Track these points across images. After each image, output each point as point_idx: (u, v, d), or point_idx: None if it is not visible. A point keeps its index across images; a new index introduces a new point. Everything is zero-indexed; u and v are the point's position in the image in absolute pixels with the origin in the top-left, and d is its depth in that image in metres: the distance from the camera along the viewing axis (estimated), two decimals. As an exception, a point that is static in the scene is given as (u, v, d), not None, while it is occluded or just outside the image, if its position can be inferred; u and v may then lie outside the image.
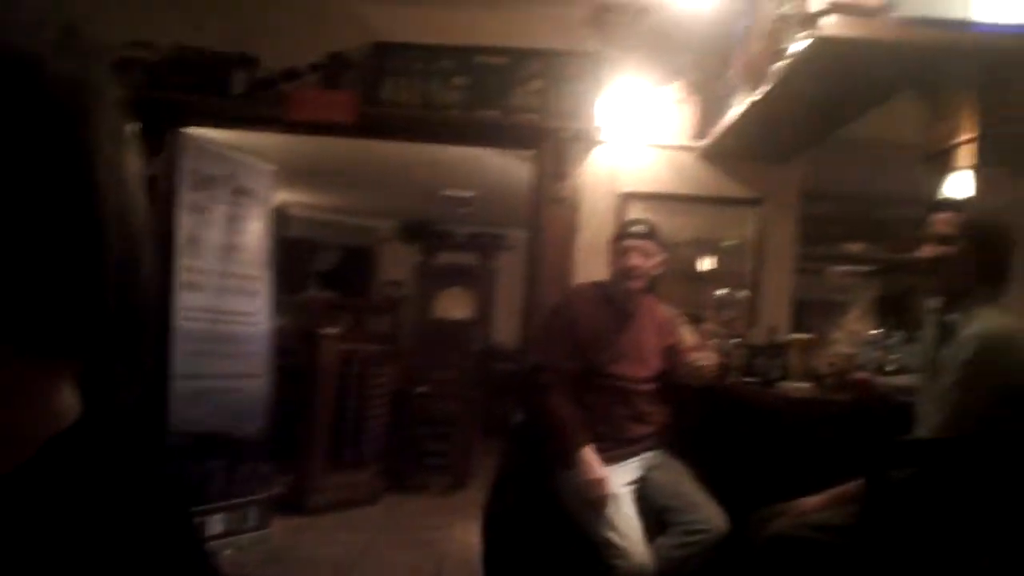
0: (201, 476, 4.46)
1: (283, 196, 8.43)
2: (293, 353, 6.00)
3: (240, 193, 4.86)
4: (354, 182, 8.10)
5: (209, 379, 4.57)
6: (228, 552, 4.52)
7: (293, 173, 7.23)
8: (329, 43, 4.50)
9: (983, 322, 2.24)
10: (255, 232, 4.99)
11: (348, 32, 4.52)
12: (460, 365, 6.87)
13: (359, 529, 5.16)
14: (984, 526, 1.82)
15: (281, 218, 7.64)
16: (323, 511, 5.41)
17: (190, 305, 4.48)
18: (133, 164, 0.59)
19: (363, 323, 7.89)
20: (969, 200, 2.53)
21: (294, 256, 9.33)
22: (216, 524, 4.53)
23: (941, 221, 2.43)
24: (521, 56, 4.48)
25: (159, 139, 4.47)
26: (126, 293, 0.56)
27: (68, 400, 0.57)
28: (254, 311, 4.97)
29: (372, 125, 4.56)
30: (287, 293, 7.30)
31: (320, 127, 4.54)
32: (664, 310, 3.49)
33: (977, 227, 2.38)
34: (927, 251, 2.44)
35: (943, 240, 2.41)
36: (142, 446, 0.62)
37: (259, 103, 4.45)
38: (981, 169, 3.31)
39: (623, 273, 3.20)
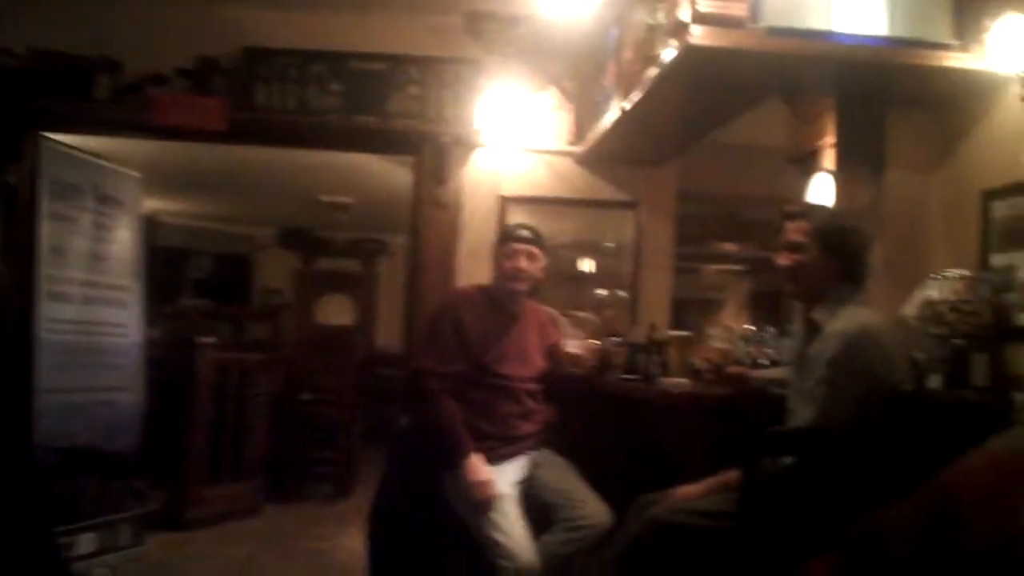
0: (71, 493, 4.27)
1: (153, 204, 8.17)
2: (168, 364, 5.81)
3: (106, 201, 4.68)
4: (229, 189, 7.91)
5: (78, 393, 4.38)
6: (100, 571, 4.33)
7: (164, 180, 7.02)
8: (198, 48, 4.39)
9: (846, 320, 2.35)
10: (124, 241, 4.82)
11: (218, 37, 4.43)
12: (343, 372, 6.78)
13: (240, 542, 5.03)
14: (851, 514, 1.91)
15: (152, 226, 7.40)
16: (202, 525, 5.25)
17: (56, 317, 4.29)
18: None
19: (242, 331, 7.71)
20: (817, 206, 2.66)
21: (167, 265, 9.05)
22: (88, 542, 4.34)
23: (792, 229, 2.55)
24: (398, 62, 4.48)
25: (18, 146, 4.28)
26: None
27: None
28: (125, 322, 4.79)
29: (245, 131, 4.48)
30: (160, 303, 7.08)
31: (189, 133, 4.43)
32: (546, 311, 3.53)
33: (824, 233, 2.49)
34: (782, 259, 2.56)
35: (794, 248, 2.53)
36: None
37: (124, 108, 4.31)
38: (840, 171, 3.48)
39: (509, 275, 3.23)
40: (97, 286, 4.59)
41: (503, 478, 3.05)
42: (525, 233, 3.32)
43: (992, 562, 0.50)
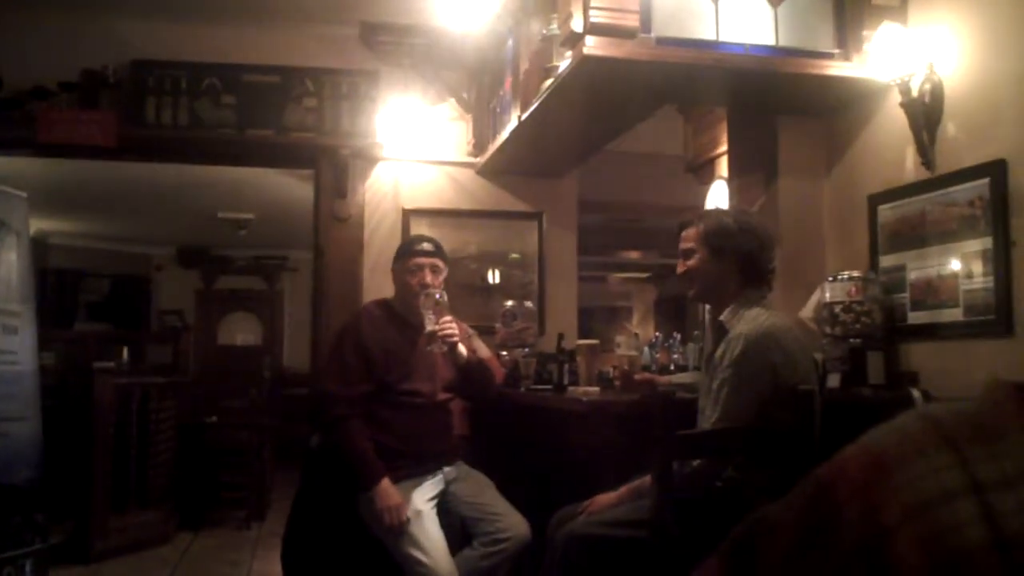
0: (-35, 532, 4.07)
1: (42, 225, 7.87)
2: (65, 392, 5.59)
3: (-10, 222, 4.47)
4: (123, 208, 7.68)
5: (-32, 425, 4.18)
6: (2, 613, 4.15)
7: (53, 200, 6.77)
8: (83, 60, 4.25)
9: (748, 322, 2.41)
10: (10, 263, 4.60)
11: (104, 49, 4.29)
12: (250, 392, 6.64)
13: (151, 572, 4.88)
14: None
15: (41, 248, 7.13)
16: (110, 556, 5.06)
17: (-59, 347, 4.08)
18: None
19: (142, 355, 7.47)
20: (711, 211, 2.72)
21: (59, 288, 8.73)
22: (-13, 582, 4.14)
23: (685, 236, 2.61)
24: (292, 74, 4.42)
25: None
26: None
27: None
28: (16, 349, 4.58)
29: (135, 147, 4.35)
30: (54, 327, 6.81)
31: (76, 149, 4.28)
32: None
33: (710, 235, 2.55)
34: (679, 266, 2.62)
35: (687, 254, 2.59)
36: None
37: (5, 124, 4.14)
38: (734, 179, 3.58)
39: (414, 291, 3.18)
40: (-16, 312, 4.39)
41: (419, 495, 3.03)
42: (427, 246, 3.29)
43: (861, 559, 0.52)
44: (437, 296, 3.10)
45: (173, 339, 6.78)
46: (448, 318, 3.11)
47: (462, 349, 3.19)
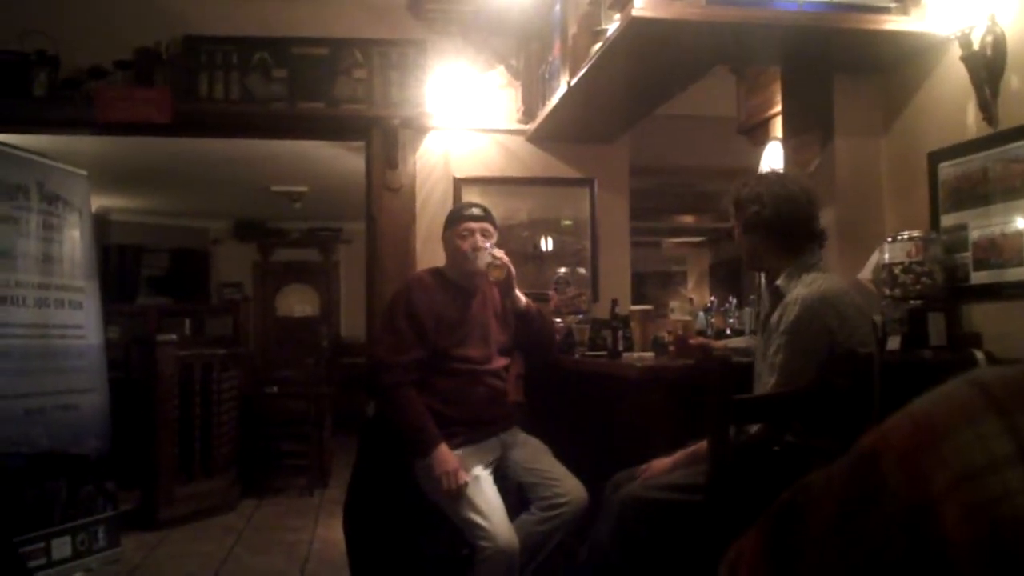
0: (40, 499, 4.22)
1: (103, 201, 8.03)
2: (129, 364, 5.74)
3: (53, 201, 4.58)
4: (181, 183, 7.80)
5: (39, 397, 4.32)
6: (79, 575, 4.30)
7: (110, 177, 6.90)
8: (137, 38, 4.30)
9: (804, 286, 2.38)
10: (74, 240, 4.73)
11: (157, 26, 4.34)
12: (308, 362, 6.75)
13: (217, 539, 5.01)
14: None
15: (103, 224, 7.28)
16: (177, 524, 5.22)
17: (10, 321, 4.21)
18: None
19: (202, 328, 7.63)
20: (742, 181, 2.66)
21: (121, 263, 8.92)
22: (63, 547, 4.29)
23: (726, 204, 2.57)
24: (341, 45, 4.43)
25: (-42, 149, 4.19)
26: None
27: None
28: (82, 323, 4.72)
29: (190, 123, 4.40)
30: (117, 302, 6.98)
31: (134, 127, 4.35)
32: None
33: (739, 203, 2.50)
34: (735, 232, 2.58)
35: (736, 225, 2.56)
36: None
37: (65, 105, 4.22)
38: (789, 139, 3.51)
39: (465, 254, 3.19)
40: (50, 288, 4.51)
41: (475, 461, 3.05)
42: (476, 211, 3.30)
43: (906, 528, 0.51)
44: (489, 247, 3.13)
45: (233, 311, 6.91)
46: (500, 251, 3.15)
47: (520, 295, 3.20)
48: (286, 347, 7.00)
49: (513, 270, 3.17)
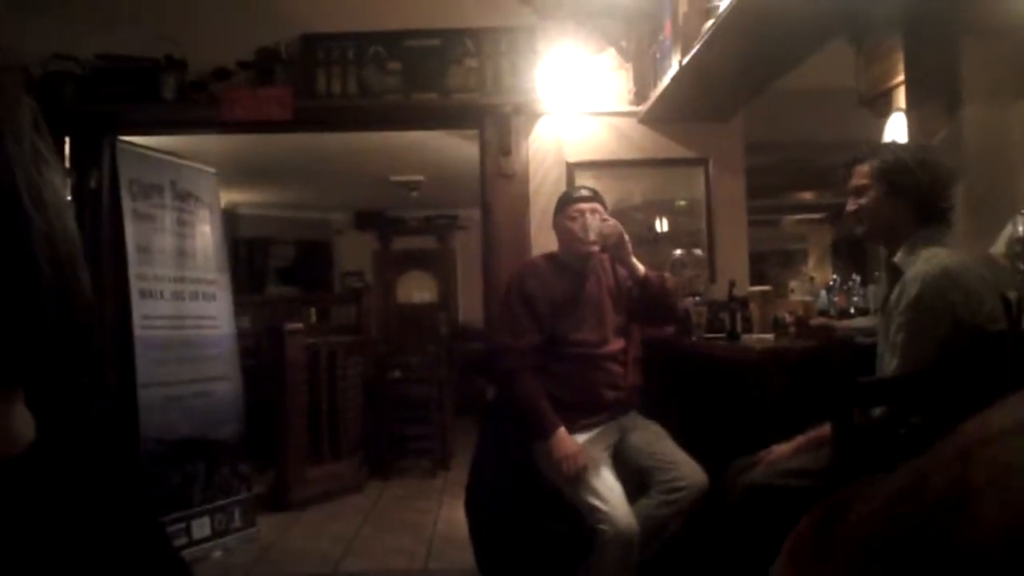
0: (182, 481, 4.46)
1: (231, 197, 8.36)
2: (260, 352, 5.98)
3: (185, 198, 4.81)
4: (302, 177, 8.05)
5: (177, 385, 4.55)
6: (218, 554, 4.52)
7: (238, 173, 7.17)
8: (257, 39, 4.45)
9: (924, 262, 2.28)
10: (205, 235, 4.96)
11: (275, 26, 4.48)
12: (429, 348, 6.89)
13: (345, 519, 5.19)
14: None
15: (231, 219, 7.58)
16: (308, 505, 5.43)
17: (148, 313, 4.45)
18: (57, 183, 0.59)
19: (327, 316, 7.87)
20: (885, 145, 2.56)
21: (250, 255, 9.28)
22: (203, 527, 4.53)
23: (857, 173, 2.48)
24: (453, 36, 4.47)
25: (96, 150, 4.43)
26: (65, 308, 0.57)
27: (19, 425, 0.58)
28: (215, 314, 4.94)
29: (310, 118, 4.53)
30: (246, 293, 7.26)
31: (257, 125, 4.51)
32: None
33: (885, 172, 2.41)
34: (849, 205, 2.50)
35: (859, 191, 2.47)
36: (108, 460, 0.63)
37: (192, 106, 4.40)
38: (913, 110, 3.37)
39: (577, 236, 3.20)
40: (185, 281, 4.75)
41: (594, 445, 3.07)
42: (585, 192, 3.30)
43: (946, 509, 0.49)
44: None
45: (355, 299, 7.08)
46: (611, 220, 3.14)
47: (636, 263, 3.18)
48: (406, 333, 7.15)
49: (627, 236, 3.16)
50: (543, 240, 4.25)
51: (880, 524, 0.59)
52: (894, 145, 2.63)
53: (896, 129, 3.65)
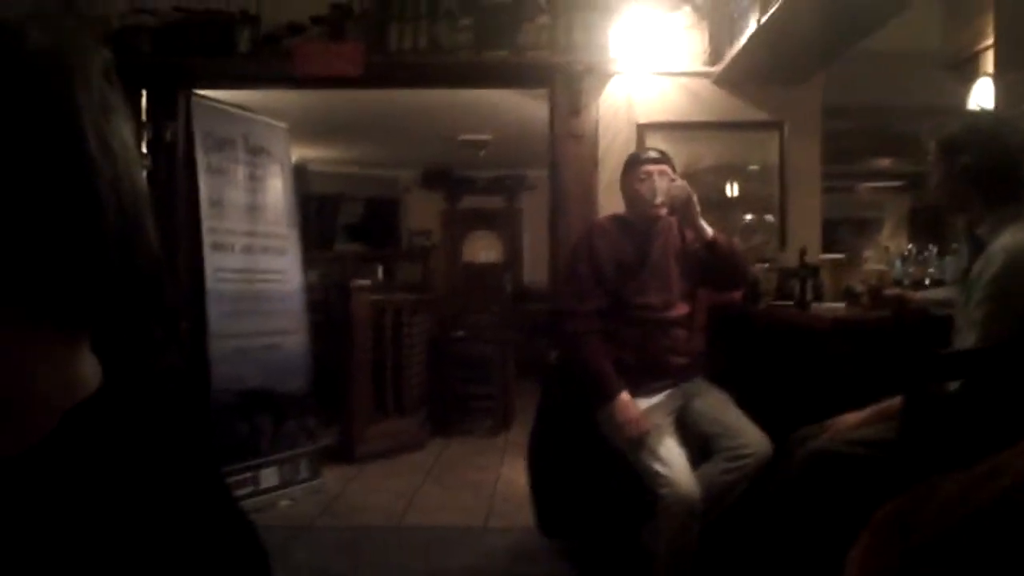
0: (250, 432, 4.57)
1: (302, 152, 8.44)
2: (327, 308, 6.07)
3: (257, 152, 4.87)
4: (371, 134, 8.08)
5: (246, 338, 4.64)
6: (284, 503, 4.64)
7: (309, 129, 7.23)
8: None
9: (1011, 236, 2.20)
10: (277, 190, 5.02)
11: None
12: (493, 308, 6.91)
13: (408, 475, 5.26)
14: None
15: (302, 175, 7.66)
16: (372, 459, 5.52)
17: (220, 266, 4.54)
18: (125, 132, 0.59)
19: (394, 273, 7.94)
20: (951, 120, 2.45)
21: (319, 211, 9.38)
22: (270, 477, 4.65)
23: (931, 145, 2.39)
24: (526, -5, 4.41)
25: (171, 103, 4.49)
26: (130, 256, 0.57)
27: (85, 369, 0.59)
28: (284, 268, 5.02)
29: (381, 75, 4.52)
30: (316, 248, 7.36)
31: (329, 81, 4.52)
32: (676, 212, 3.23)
33: (947, 145, 2.32)
34: (933, 173, 2.41)
35: (935, 165, 2.38)
36: (176, 412, 0.63)
37: (265, 61, 4.43)
38: (1001, 75, 3.23)
39: (647, 199, 3.15)
40: (256, 235, 4.82)
41: (658, 410, 3.05)
42: (653, 154, 3.25)
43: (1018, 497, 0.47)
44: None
45: (422, 258, 7.14)
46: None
47: (705, 225, 3.12)
48: (471, 293, 7.18)
49: (695, 197, 3.10)
50: (611, 201, 4.20)
51: (938, 532, 0.58)
52: (967, 116, 2.53)
53: (982, 95, 3.51)
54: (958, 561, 0.53)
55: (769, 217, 4.07)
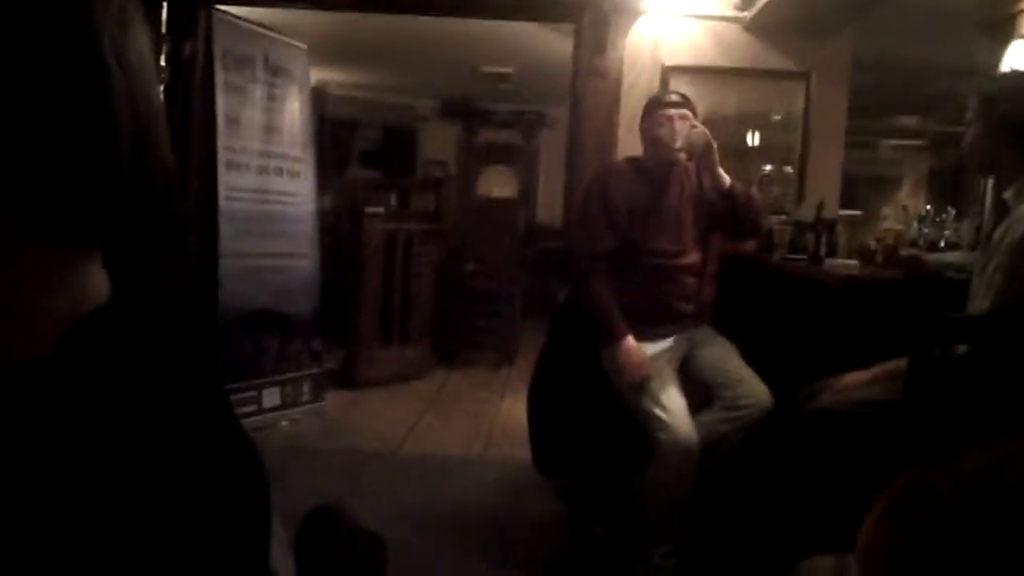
0: (255, 351, 4.60)
1: (321, 75, 8.35)
2: (339, 233, 6.06)
3: (276, 72, 4.82)
4: (392, 60, 7.98)
5: (256, 258, 4.65)
6: (284, 423, 4.69)
7: (329, 51, 7.13)
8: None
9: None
10: (294, 112, 4.98)
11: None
12: (505, 243, 6.90)
13: (409, 403, 5.32)
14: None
15: (320, 98, 7.59)
16: (374, 385, 5.57)
17: (234, 185, 4.53)
18: (141, 44, 0.58)
19: (407, 202, 7.91)
20: (1004, 75, 2.40)
21: (335, 136, 9.31)
22: (272, 397, 4.70)
23: (969, 104, 2.35)
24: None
25: (192, 19, 4.43)
26: (142, 171, 0.56)
27: (94, 283, 0.58)
28: (297, 191, 5.00)
29: (407, 0, 4.45)
30: (330, 173, 7.32)
31: (351, 3, 4.45)
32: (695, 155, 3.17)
33: (989, 102, 2.27)
34: (970, 129, 2.36)
35: (970, 124, 2.33)
36: (181, 325, 0.63)
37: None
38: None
39: (666, 143, 3.11)
40: (271, 156, 4.80)
41: (661, 355, 3.05)
42: (674, 98, 3.20)
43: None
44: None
45: (436, 188, 7.10)
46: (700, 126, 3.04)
47: (722, 174, 3.07)
48: (484, 227, 7.17)
49: (715, 144, 3.06)
50: (631, 143, 4.14)
51: (960, 506, 0.57)
52: (1004, 76, 2.48)
53: (1017, 58, 3.43)
54: (980, 539, 0.53)
55: (788, 169, 4.02)
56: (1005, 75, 2.49)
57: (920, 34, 4.55)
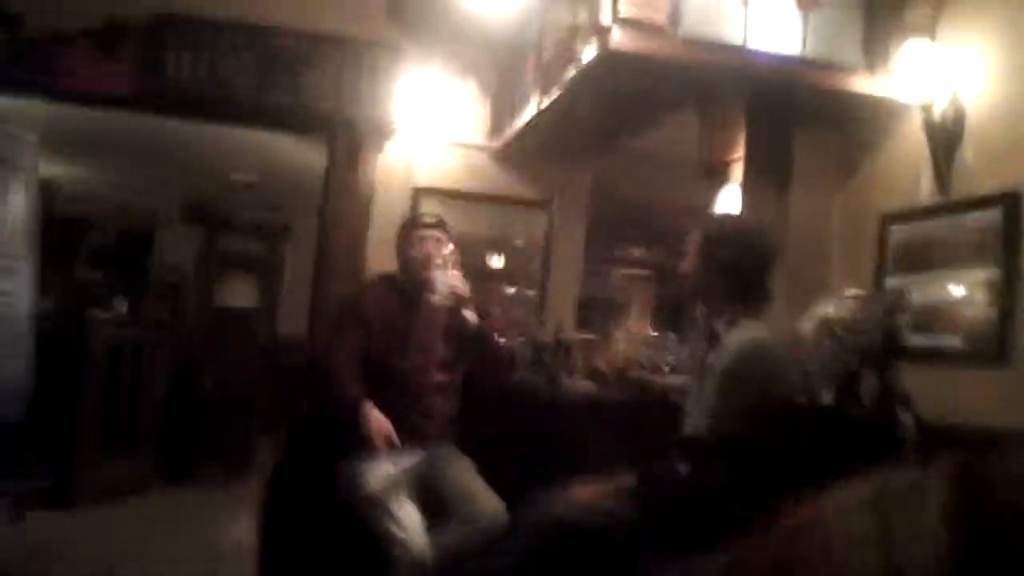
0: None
1: (54, 169, 7.84)
2: (61, 336, 5.59)
3: (-3, 163, 4.48)
4: (135, 158, 7.65)
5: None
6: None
7: (63, 145, 6.74)
8: (105, 9, 4.21)
9: (742, 333, 2.39)
10: (16, 206, 4.62)
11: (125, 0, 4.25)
12: (243, 354, 6.65)
13: (128, 522, 4.89)
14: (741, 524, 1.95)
15: (48, 192, 7.10)
16: (89, 503, 5.08)
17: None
18: None
19: (138, 308, 7.47)
20: (719, 218, 2.69)
21: (63, 233, 8.69)
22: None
23: (689, 240, 2.59)
24: (315, 40, 4.37)
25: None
26: None
27: None
28: (13, 290, 4.60)
29: (153, 100, 4.32)
30: (54, 272, 6.79)
31: (94, 98, 4.26)
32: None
33: (708, 245, 2.53)
34: (681, 267, 2.59)
35: (688, 258, 2.58)
36: None
37: (23, 67, 4.11)
38: (748, 186, 3.56)
39: (420, 262, 3.16)
40: (-17, 251, 4.40)
41: (401, 472, 3.03)
42: (431, 219, 3.28)
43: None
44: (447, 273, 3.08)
45: (172, 295, 6.79)
46: (458, 272, 3.10)
47: (471, 315, 3.14)
48: (222, 336, 6.90)
49: (467, 294, 3.14)
50: (380, 262, 4.19)
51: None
52: (723, 219, 2.75)
53: (729, 201, 3.83)
54: None
55: (530, 292, 4.20)
56: (725, 219, 2.77)
57: (650, 173, 4.99)
